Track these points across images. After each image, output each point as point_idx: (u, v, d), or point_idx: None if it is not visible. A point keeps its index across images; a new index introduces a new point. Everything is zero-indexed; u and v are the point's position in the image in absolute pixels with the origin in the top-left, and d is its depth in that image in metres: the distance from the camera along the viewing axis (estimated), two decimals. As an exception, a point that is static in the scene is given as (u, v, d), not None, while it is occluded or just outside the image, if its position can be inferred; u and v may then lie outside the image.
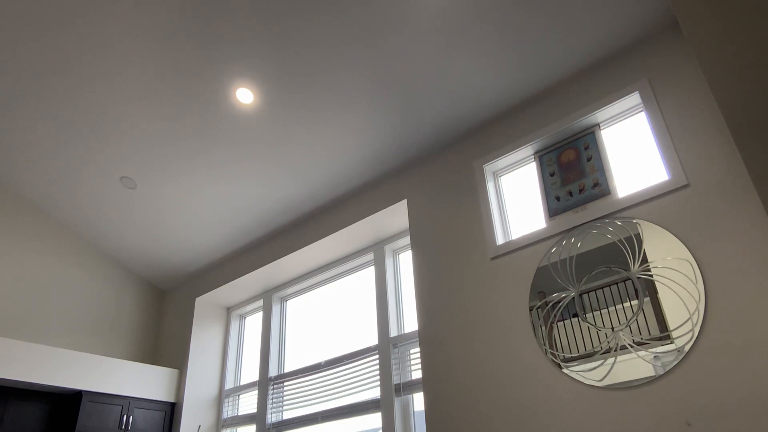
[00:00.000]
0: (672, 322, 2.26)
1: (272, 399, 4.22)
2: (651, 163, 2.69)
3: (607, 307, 2.45)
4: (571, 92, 2.99)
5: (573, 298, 2.57)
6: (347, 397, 3.74)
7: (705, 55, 2.20)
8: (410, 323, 3.66)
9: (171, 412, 4.37)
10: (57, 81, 3.34)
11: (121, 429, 3.99)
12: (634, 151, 2.78)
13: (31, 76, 3.33)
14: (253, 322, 4.97)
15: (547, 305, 2.65)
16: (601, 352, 2.40)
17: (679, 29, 2.67)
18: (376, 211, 3.72)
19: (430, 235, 3.33)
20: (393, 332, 3.64)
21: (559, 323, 2.58)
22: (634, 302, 2.38)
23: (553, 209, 2.88)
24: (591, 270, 2.56)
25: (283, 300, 4.72)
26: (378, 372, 3.57)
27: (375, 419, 3.56)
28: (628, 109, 2.85)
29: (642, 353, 2.29)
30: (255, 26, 2.90)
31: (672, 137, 2.54)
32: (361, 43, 2.92)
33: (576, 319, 2.53)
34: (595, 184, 2.76)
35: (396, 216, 3.76)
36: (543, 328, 2.63)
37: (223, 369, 4.79)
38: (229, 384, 4.71)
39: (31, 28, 3.06)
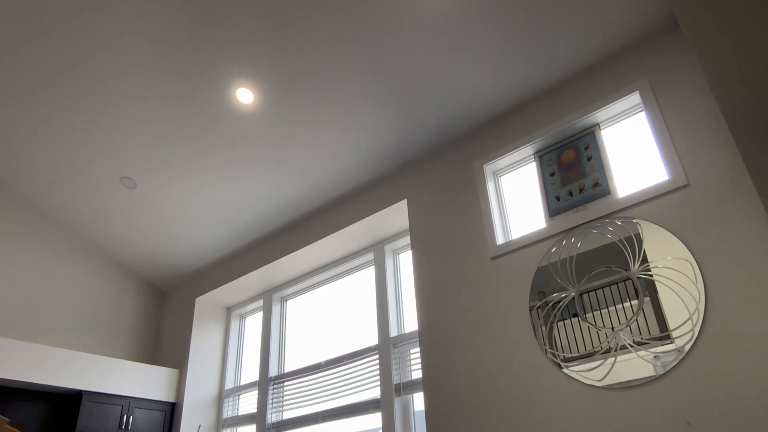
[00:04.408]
0: (672, 321, 2.26)
1: (272, 399, 4.22)
2: (651, 163, 2.69)
3: (607, 307, 2.45)
4: (571, 92, 2.99)
5: (573, 298, 2.57)
6: (347, 397, 3.74)
7: (705, 54, 2.20)
8: (410, 323, 3.66)
9: (171, 412, 4.37)
10: (57, 81, 3.34)
11: (121, 429, 3.99)
12: (634, 151, 2.78)
13: (31, 76, 3.33)
14: (253, 322, 4.97)
15: (547, 305, 2.65)
16: (601, 352, 2.40)
17: (679, 29, 2.67)
18: (376, 211, 3.72)
19: (430, 235, 3.33)
20: (393, 332, 3.64)
21: (559, 323, 2.58)
22: (634, 302, 2.38)
23: (553, 209, 2.88)
24: (591, 270, 2.56)
25: (283, 300, 4.72)
26: (378, 372, 3.57)
27: (375, 419, 3.56)
28: (628, 109, 2.85)
29: (642, 353, 2.29)
30: (255, 26, 2.90)
31: (672, 137, 2.54)
32: (361, 43, 2.92)
33: (576, 319, 2.53)
34: (595, 184, 2.76)
35: (396, 216, 3.76)
36: (543, 328, 2.63)
37: (223, 369, 4.79)
38: (229, 384, 4.71)
39: (32, 29, 3.06)
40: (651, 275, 2.37)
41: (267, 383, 4.29)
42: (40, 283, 4.33)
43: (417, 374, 3.40)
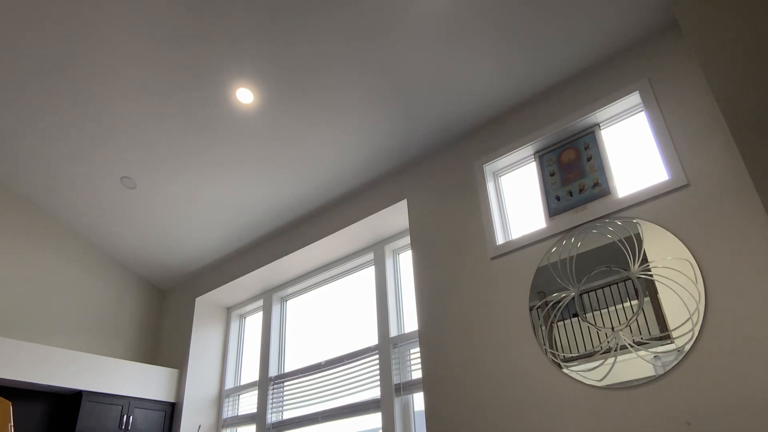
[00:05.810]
0: (672, 322, 2.26)
1: (272, 399, 4.22)
2: (651, 163, 2.69)
3: (607, 307, 2.45)
4: (571, 92, 2.99)
5: (573, 297, 2.57)
6: (347, 397, 3.74)
7: (705, 54, 2.20)
8: (410, 323, 3.66)
9: (171, 412, 4.37)
10: (57, 80, 3.34)
11: (121, 429, 3.99)
12: (634, 151, 2.78)
13: (31, 74, 3.33)
14: (253, 322, 4.97)
15: (547, 305, 2.65)
16: (601, 352, 2.40)
17: (679, 29, 2.67)
18: (376, 211, 3.72)
19: (430, 235, 3.33)
20: (393, 332, 3.64)
21: (559, 323, 2.58)
22: (634, 302, 2.38)
23: (553, 209, 2.88)
24: (591, 270, 2.56)
25: (283, 300, 4.72)
26: (378, 372, 3.57)
27: (375, 419, 3.56)
28: (628, 109, 2.85)
29: (642, 353, 2.29)
30: (255, 26, 2.90)
31: (672, 137, 2.54)
32: (361, 43, 2.92)
33: (576, 318, 2.53)
34: (595, 184, 2.76)
35: (396, 216, 3.76)
36: (543, 328, 2.63)
37: (223, 369, 4.79)
38: (229, 384, 4.71)
39: (31, 27, 3.06)
40: (651, 275, 2.37)
41: (267, 383, 4.29)
42: (40, 283, 4.33)
43: (417, 374, 3.40)
